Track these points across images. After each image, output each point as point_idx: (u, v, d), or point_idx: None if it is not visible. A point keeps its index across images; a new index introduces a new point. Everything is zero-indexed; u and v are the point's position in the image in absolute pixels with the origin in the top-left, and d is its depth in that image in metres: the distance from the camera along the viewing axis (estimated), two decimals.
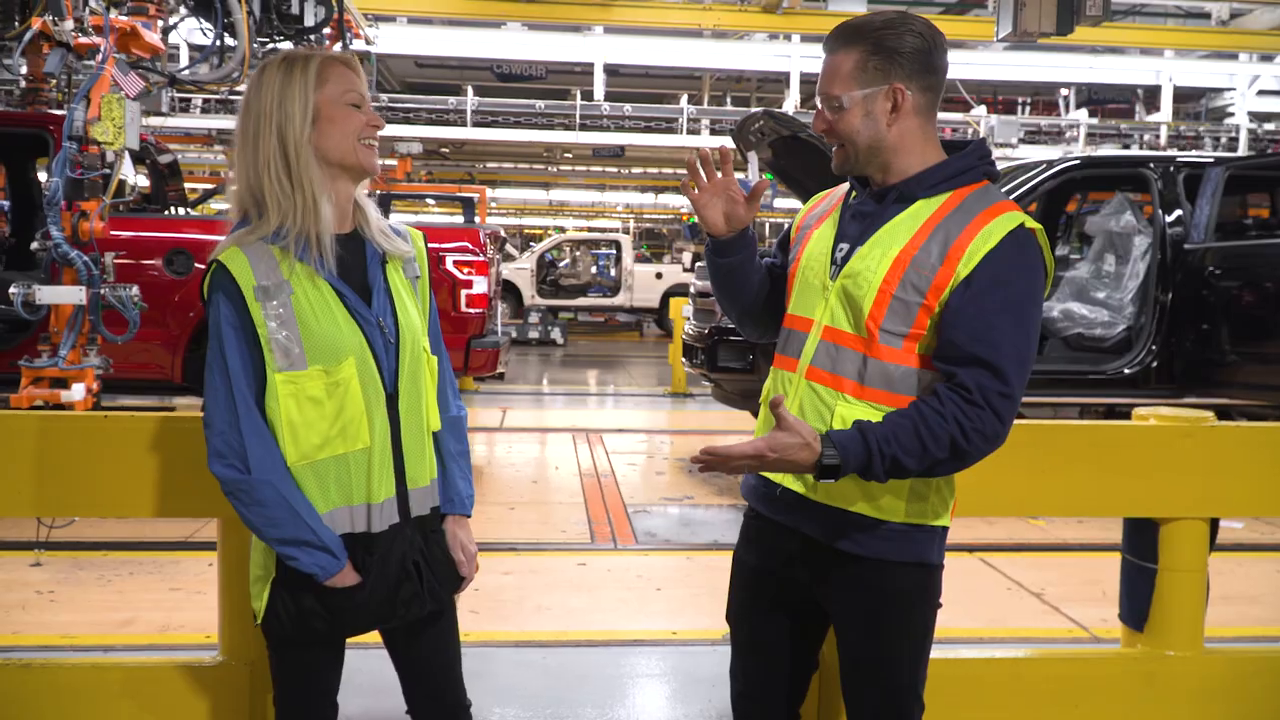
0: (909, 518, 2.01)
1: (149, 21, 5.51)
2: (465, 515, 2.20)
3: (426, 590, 2.08)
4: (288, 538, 1.92)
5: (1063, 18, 7.60)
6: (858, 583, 2.05)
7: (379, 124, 2.06)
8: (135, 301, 5.22)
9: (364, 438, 1.98)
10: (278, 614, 2.00)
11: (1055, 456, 2.81)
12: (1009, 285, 1.89)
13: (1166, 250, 6.93)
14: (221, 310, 1.92)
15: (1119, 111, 19.47)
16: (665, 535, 5.92)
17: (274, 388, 1.92)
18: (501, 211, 33.06)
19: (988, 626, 4.48)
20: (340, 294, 1.99)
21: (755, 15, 15.33)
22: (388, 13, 14.80)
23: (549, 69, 17.48)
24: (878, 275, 1.94)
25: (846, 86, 1.97)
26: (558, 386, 13.35)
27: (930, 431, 1.86)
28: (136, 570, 4.93)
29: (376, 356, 2.01)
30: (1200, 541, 2.84)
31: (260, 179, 1.95)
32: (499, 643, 4.07)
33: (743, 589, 2.26)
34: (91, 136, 5.01)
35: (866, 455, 1.86)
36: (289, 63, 1.99)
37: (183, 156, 19.81)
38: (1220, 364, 6.82)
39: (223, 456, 1.92)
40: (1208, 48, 16.64)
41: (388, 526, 2.02)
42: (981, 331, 1.87)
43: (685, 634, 4.26)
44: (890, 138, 1.98)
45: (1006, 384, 1.87)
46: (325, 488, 1.96)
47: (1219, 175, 6.98)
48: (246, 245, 1.94)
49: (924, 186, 2.00)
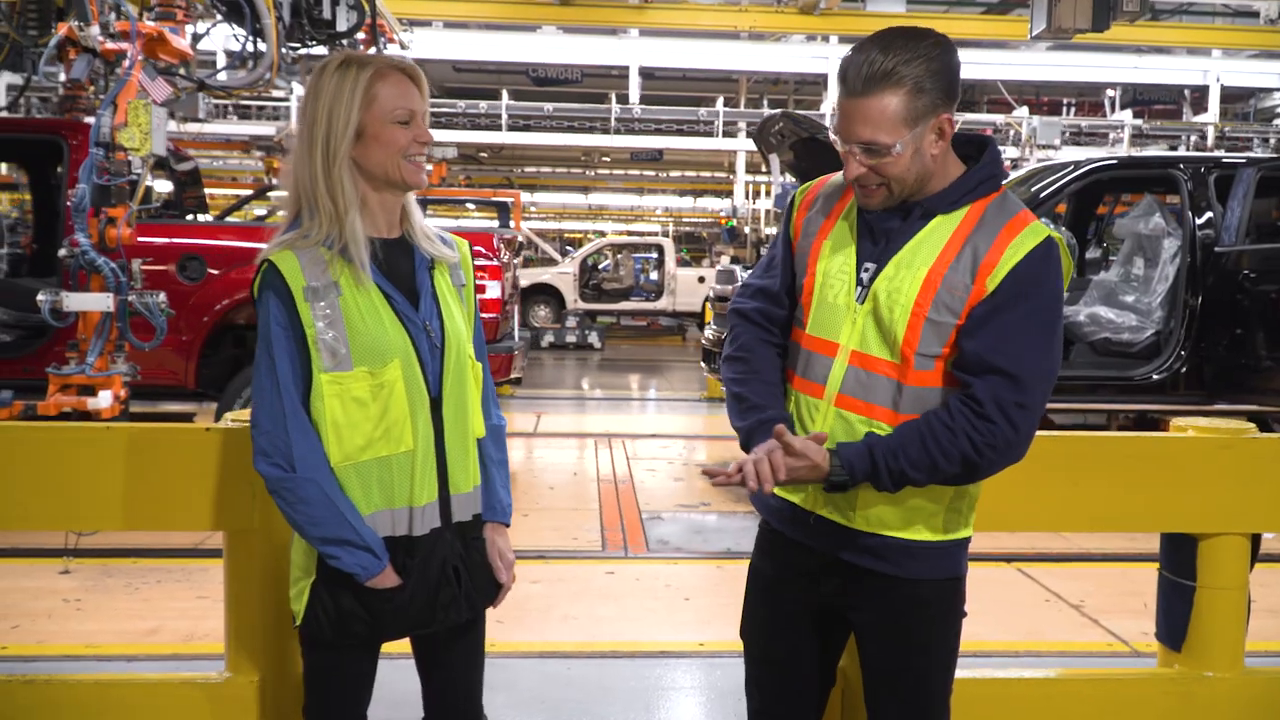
0: (946, 535, 1.98)
1: (176, 27, 5.51)
2: (505, 524, 2.19)
3: (465, 596, 2.07)
4: (330, 536, 1.92)
5: (1099, 14, 7.35)
6: (887, 597, 2.00)
7: (426, 139, 2.04)
8: (163, 308, 5.22)
9: (407, 440, 1.98)
10: (317, 615, 2.00)
11: (1090, 469, 2.71)
12: (1033, 297, 1.85)
13: (1196, 253, 6.75)
14: (271, 310, 1.93)
15: (1165, 112, 19.16)
16: (677, 543, 5.84)
17: (319, 388, 1.93)
18: (541, 216, 33.16)
19: (1025, 640, 4.38)
20: (388, 296, 1.99)
21: (792, 16, 15.22)
22: (423, 17, 14.86)
23: (585, 72, 17.50)
24: (910, 297, 1.89)
25: (896, 133, 1.84)
26: (590, 391, 13.31)
27: (939, 446, 1.82)
28: (164, 578, 4.93)
29: (421, 360, 2.01)
30: (1241, 558, 2.72)
31: (309, 184, 1.97)
32: (523, 653, 4.02)
33: (759, 602, 2.20)
34: (118, 143, 5.01)
35: (872, 470, 1.84)
36: (344, 68, 1.98)
37: (224, 163, 20.09)
38: (1252, 370, 6.65)
39: (268, 455, 1.93)
40: (1256, 47, 16.32)
41: (429, 530, 2.02)
42: (1002, 342, 1.83)
43: (713, 645, 4.19)
44: (933, 167, 1.92)
45: (1025, 394, 1.83)
46: (368, 489, 1.96)
47: (1251, 176, 6.79)
48: (298, 248, 1.95)
49: (946, 202, 1.94)
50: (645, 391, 13.49)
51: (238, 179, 22.28)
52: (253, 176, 21.61)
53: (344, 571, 1.94)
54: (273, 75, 6.24)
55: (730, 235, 25.18)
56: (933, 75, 1.84)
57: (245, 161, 20.37)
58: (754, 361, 2.08)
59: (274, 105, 15.51)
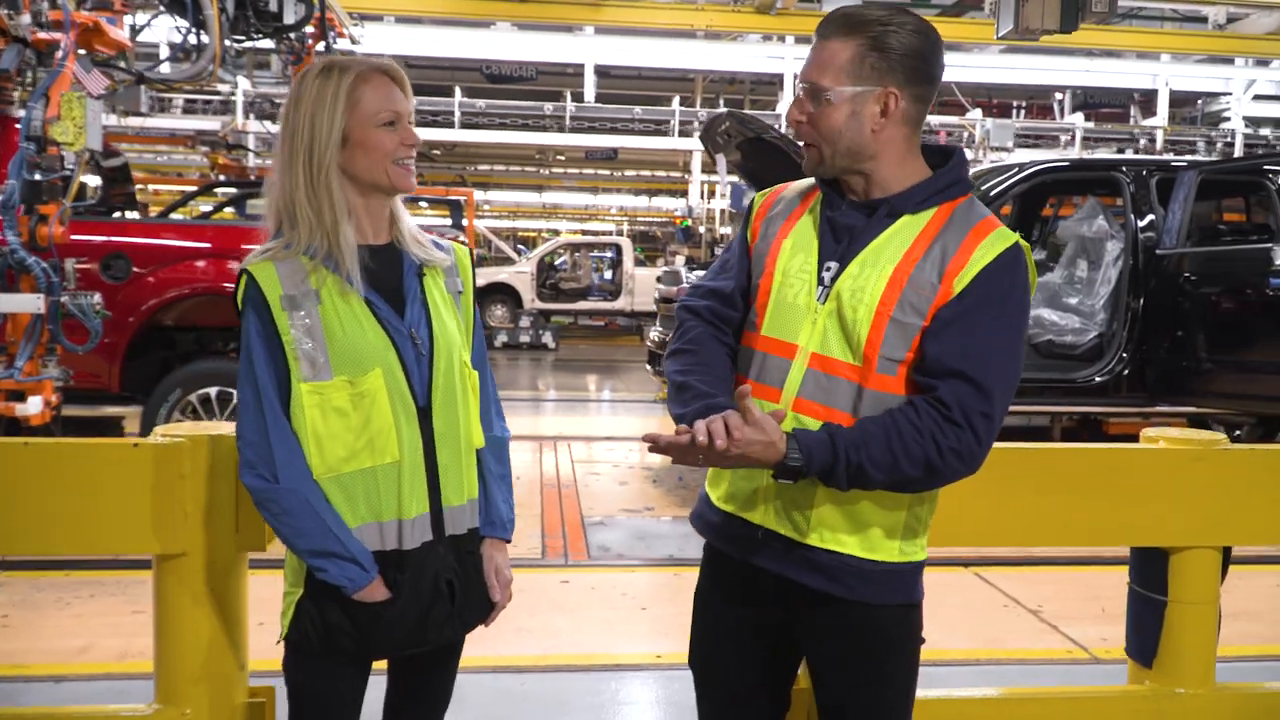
0: (901, 556, 1.88)
1: (114, 17, 5.32)
2: (505, 539, 2.15)
3: (458, 614, 2.02)
4: (316, 548, 1.89)
5: (1067, 14, 7.32)
6: (841, 625, 1.90)
7: (414, 142, 2.00)
8: (98, 310, 5.05)
9: (392, 451, 1.93)
10: (304, 630, 1.96)
11: (1059, 482, 2.64)
12: (1002, 304, 1.79)
13: (1138, 256, 6.84)
14: (251, 320, 1.92)
15: (1114, 115, 19.39)
16: (619, 550, 5.74)
17: (299, 398, 1.90)
18: (495, 214, 32.95)
19: (984, 647, 4.34)
20: (371, 304, 1.95)
21: (748, 16, 15.21)
22: (374, 11, 14.66)
23: (539, 70, 17.38)
24: (875, 296, 1.80)
25: (837, 80, 1.82)
26: (541, 393, 13.20)
27: (904, 446, 1.73)
28: (98, 592, 4.75)
29: (406, 368, 1.96)
30: (1212, 572, 2.67)
31: (293, 194, 1.94)
32: (475, 668, 3.89)
33: (706, 628, 2.09)
34: (51, 137, 4.83)
35: (832, 460, 1.73)
36: (325, 74, 1.94)
37: (168, 159, 19.70)
38: (1193, 372, 6.71)
39: (253, 467, 1.91)
40: (1204, 51, 16.58)
41: (420, 544, 1.97)
42: (968, 346, 1.75)
43: (670, 657, 4.08)
44: (873, 145, 1.84)
45: (989, 403, 1.75)
46: (354, 502, 1.93)
47: (1192, 180, 6.86)
48: (279, 259, 1.93)
49: (913, 201, 1.86)
50: (597, 393, 13.43)
51: (183, 174, 21.88)
52: (198, 172, 21.26)
53: (331, 584, 1.90)
54: (215, 68, 6.06)
55: (685, 235, 25.11)
56: (892, 46, 1.80)
57: (190, 157, 19.97)
58: (703, 354, 1.96)
59: (220, 100, 15.22)
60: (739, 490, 1.95)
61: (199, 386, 6.11)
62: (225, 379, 6.14)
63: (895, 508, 1.85)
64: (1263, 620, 4.70)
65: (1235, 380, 6.56)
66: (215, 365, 6.22)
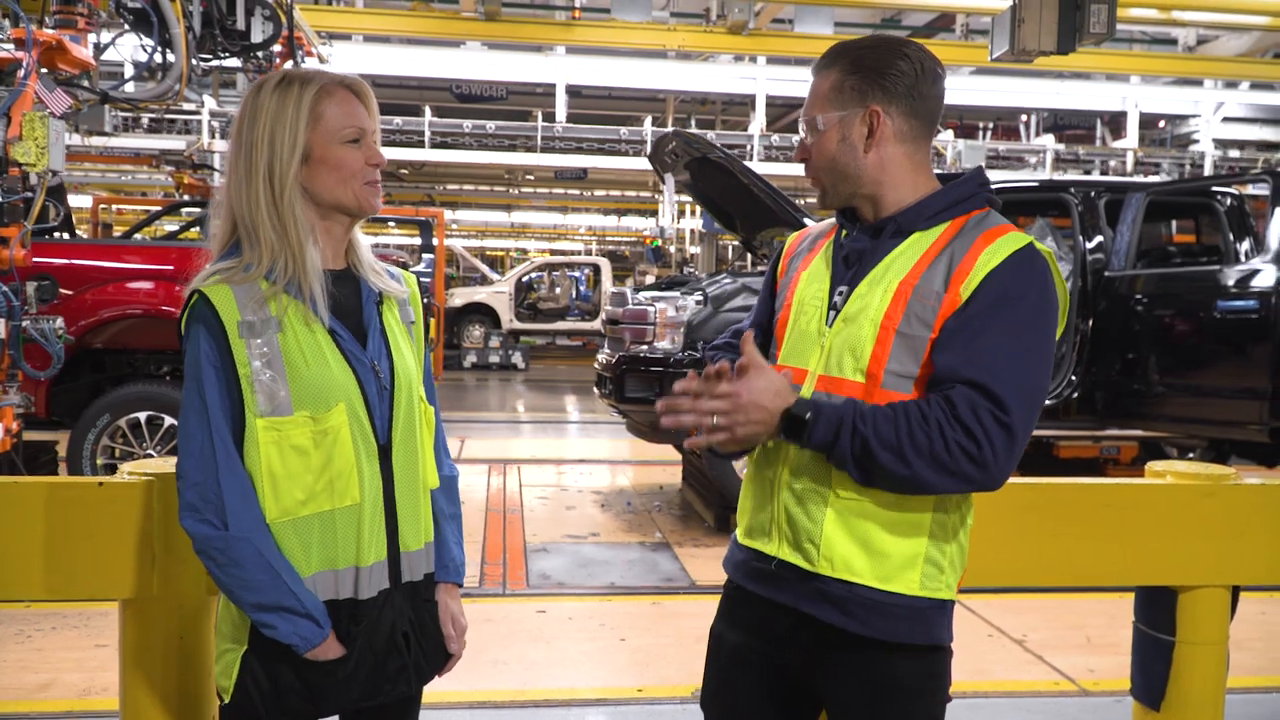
0: (922, 590, 1.77)
1: (78, 35, 5.19)
2: (458, 584, 2.02)
3: (414, 666, 1.90)
4: (267, 603, 1.73)
5: (1064, 36, 7.30)
6: (859, 669, 1.80)
7: (379, 161, 1.87)
8: (60, 334, 4.91)
9: (353, 493, 1.80)
10: (247, 693, 1.79)
11: (1062, 519, 2.55)
12: (1013, 305, 1.70)
13: (1087, 277, 6.84)
14: (201, 346, 1.75)
15: (1083, 137, 19.57)
16: (560, 578, 5.65)
17: (254, 434, 1.74)
18: (463, 234, 32.84)
19: (970, 680, 4.25)
20: (334, 334, 1.82)
21: (721, 37, 15.22)
22: (343, 30, 14.55)
23: (510, 89, 17.34)
24: (879, 311, 1.75)
25: (823, 109, 1.83)
26: (498, 414, 13.12)
27: (910, 431, 1.65)
28: (60, 624, 4.62)
29: (369, 404, 1.83)
30: (1221, 611, 2.59)
31: (251, 214, 1.80)
32: (451, 704, 3.80)
33: (721, 671, 1.99)
34: (12, 157, 4.69)
35: (838, 423, 1.67)
36: (285, 87, 1.81)
37: (132, 178, 19.47)
38: (1142, 394, 6.72)
39: (196, 510, 1.73)
40: (1174, 74, 16.74)
41: (376, 593, 1.84)
42: (976, 353, 1.67)
43: (651, 690, 4.01)
44: (869, 166, 1.81)
45: (1003, 409, 1.65)
46: (308, 549, 1.77)
47: (1139, 201, 6.88)
48: (235, 281, 1.77)
49: (922, 218, 1.81)
50: (559, 415, 13.33)
51: (147, 194, 21.63)
52: (162, 192, 21.02)
53: (281, 643, 1.74)
54: (182, 87, 5.94)
55: (655, 255, 25.17)
56: (868, 66, 1.80)
57: (155, 176, 19.75)
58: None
59: (185, 119, 15.04)
60: (755, 522, 1.90)
61: (129, 411, 6.01)
62: (156, 403, 6.04)
63: (915, 535, 1.77)
64: (1249, 649, 4.65)
65: (1184, 403, 6.56)
66: (145, 389, 6.10)
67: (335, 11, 15.06)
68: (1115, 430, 6.94)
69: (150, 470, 2.20)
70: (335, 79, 1.84)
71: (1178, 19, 13.56)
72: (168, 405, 6.06)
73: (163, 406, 6.06)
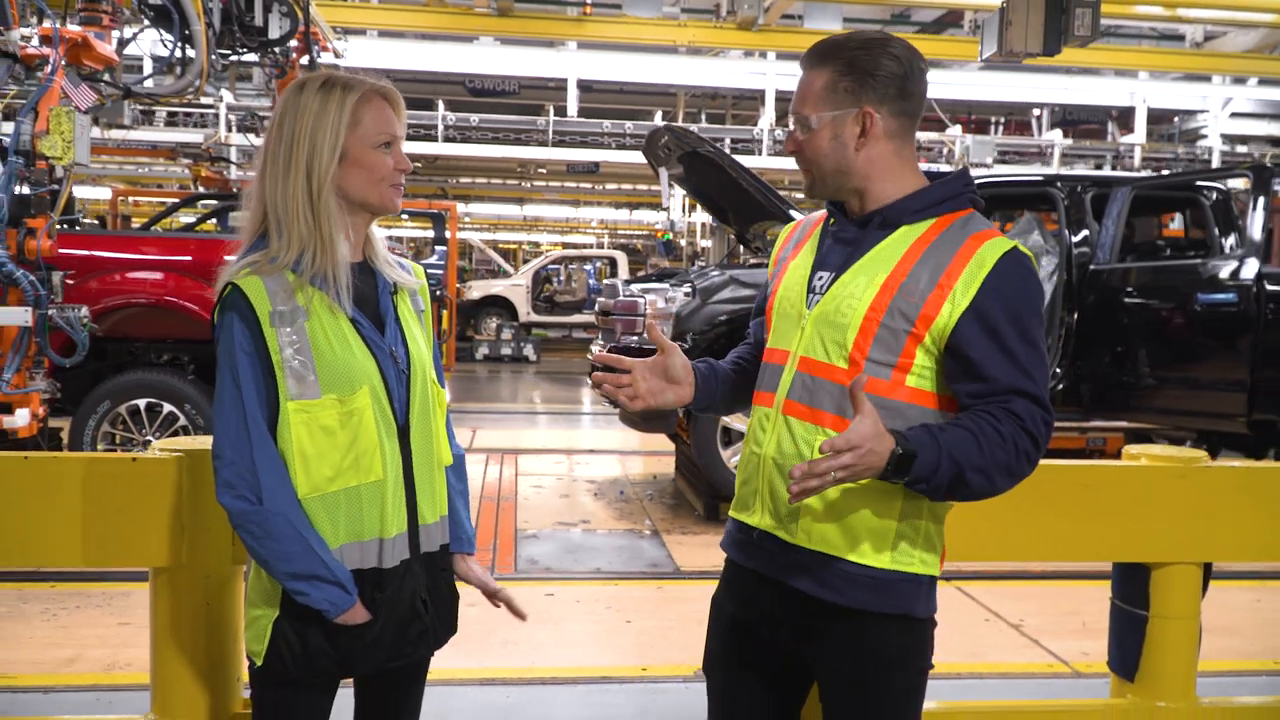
0: (894, 564, 1.89)
1: (102, 32, 5.33)
2: (470, 554, 2.17)
3: (432, 629, 2.04)
4: (300, 572, 1.85)
5: (1050, 38, 7.42)
6: (840, 640, 1.92)
7: (406, 167, 2.01)
8: (85, 323, 5.05)
9: (377, 470, 1.93)
10: (280, 655, 1.92)
11: (1042, 498, 2.68)
12: (1018, 312, 1.82)
13: (1073, 271, 6.90)
14: (235, 335, 1.87)
15: (1092, 132, 19.56)
16: (547, 563, 5.77)
17: (286, 416, 1.87)
18: (475, 227, 32.91)
19: (965, 661, 4.38)
20: (355, 322, 1.95)
21: (730, 32, 15.26)
22: (357, 26, 14.65)
23: (522, 84, 17.37)
24: (863, 302, 1.85)
25: (816, 107, 1.90)
26: (503, 405, 13.20)
27: (990, 449, 1.77)
28: (84, 603, 4.76)
29: (389, 387, 1.96)
30: (1193, 587, 2.72)
31: (286, 207, 1.91)
32: (462, 680, 3.93)
33: (720, 638, 2.13)
34: (39, 151, 4.84)
35: (936, 458, 1.74)
36: (328, 89, 1.93)
37: (149, 170, 19.64)
38: (1127, 386, 6.79)
39: (233, 487, 1.86)
40: (1182, 69, 16.69)
41: (398, 562, 1.97)
42: (1014, 367, 1.81)
43: (655, 670, 4.13)
44: (859, 163, 1.90)
45: (1048, 411, 1.83)
46: (336, 522, 1.90)
47: (1125, 195, 6.95)
48: (264, 272, 1.89)
49: (909, 212, 1.91)
50: (564, 405, 13.38)
51: (162, 186, 21.78)
52: (177, 184, 21.19)
53: (313, 609, 1.87)
54: (202, 82, 6.07)
55: (666, 248, 25.23)
56: (863, 67, 1.87)
57: (171, 169, 19.92)
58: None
59: (201, 112, 15.17)
60: (742, 495, 2.02)
61: (129, 398, 6.10)
62: (155, 391, 6.13)
63: (886, 513, 1.88)
64: (1242, 635, 4.77)
65: (1167, 395, 6.64)
66: (145, 377, 6.19)
67: (350, 7, 15.16)
68: (1101, 422, 7.02)
69: (180, 447, 2.35)
70: (375, 87, 1.96)
71: (1183, 16, 13.57)
72: (167, 393, 6.16)
73: (162, 394, 6.16)
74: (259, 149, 2.00)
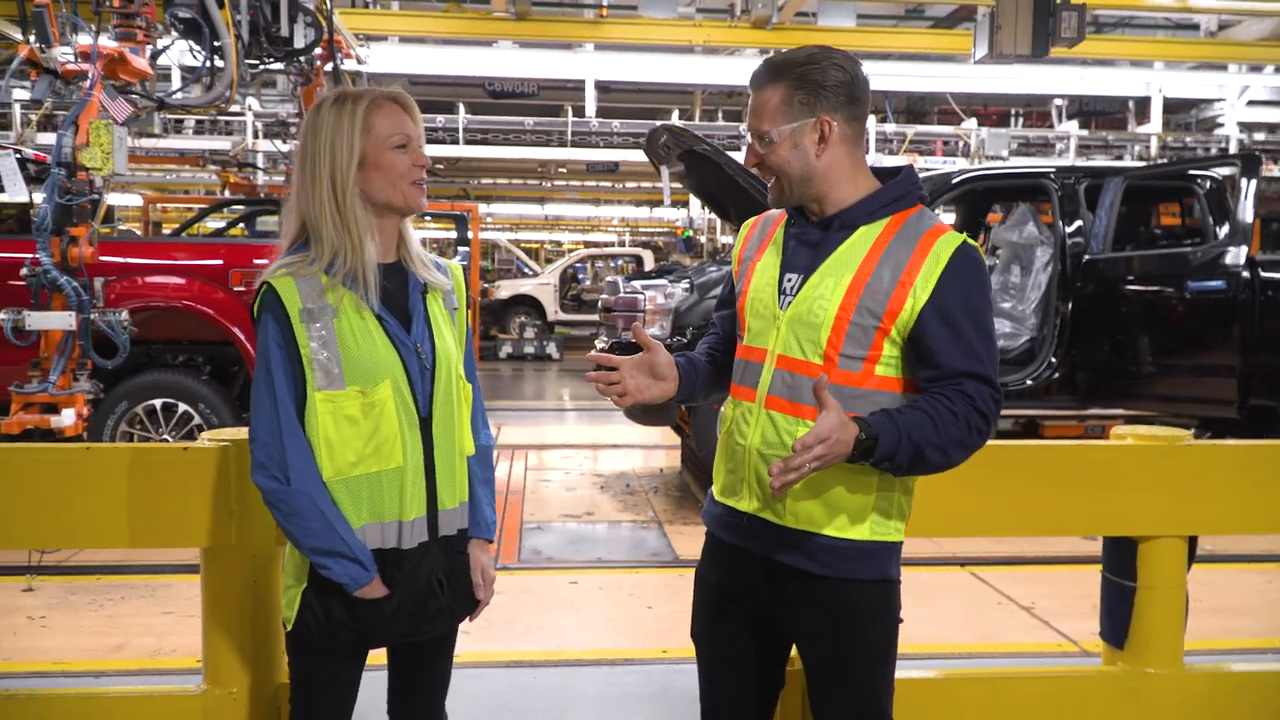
0: (873, 535, 2.07)
1: (137, 47, 5.52)
2: (489, 540, 2.29)
3: (448, 608, 2.17)
4: (322, 547, 2.01)
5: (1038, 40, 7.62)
6: (818, 600, 2.09)
7: (425, 164, 2.14)
8: (125, 326, 5.24)
9: (397, 458, 2.07)
10: (307, 622, 2.08)
11: (1035, 476, 2.84)
12: (971, 301, 1.99)
13: (1066, 261, 6.97)
14: (270, 330, 2.02)
15: (1110, 123, 19.51)
16: (550, 554, 5.90)
17: (313, 405, 2.01)
18: (497, 227, 33.08)
19: (977, 641, 4.50)
20: (381, 320, 2.08)
21: (745, 31, 15.36)
22: (379, 33, 14.83)
23: (541, 86, 17.48)
24: (833, 303, 2.02)
25: (775, 121, 2.05)
26: (519, 403, 13.32)
27: (947, 429, 1.94)
28: (128, 595, 4.94)
29: (411, 381, 2.09)
30: (1178, 559, 2.86)
31: (316, 215, 2.06)
32: (491, 663, 4.09)
33: (705, 607, 2.30)
34: (80, 163, 5.03)
35: (896, 439, 1.91)
36: (339, 104, 2.08)
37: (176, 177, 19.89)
38: (1121, 374, 6.84)
39: (264, 468, 2.02)
40: (1197, 59, 16.61)
41: (417, 544, 2.11)
42: (966, 352, 1.97)
43: (676, 652, 4.26)
44: (819, 168, 2.06)
45: (996, 390, 2.00)
46: (358, 504, 2.05)
47: (1117, 186, 7.00)
48: (298, 274, 2.04)
49: (865, 213, 2.07)
50: (578, 402, 13.44)
51: (189, 192, 22.04)
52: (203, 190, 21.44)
53: (335, 581, 2.03)
54: (233, 93, 6.26)
55: (687, 245, 25.34)
56: (818, 80, 2.02)
57: (198, 175, 20.17)
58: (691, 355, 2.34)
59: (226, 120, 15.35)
60: (728, 483, 2.20)
61: (145, 399, 6.16)
62: (171, 391, 6.19)
63: (864, 491, 2.06)
64: (1251, 615, 4.88)
65: (1161, 382, 6.71)
66: (161, 378, 6.24)
67: (372, 14, 15.37)
68: (1098, 410, 7.08)
69: (227, 437, 2.54)
70: (384, 93, 2.11)
71: (1194, 6, 13.58)
72: (182, 393, 6.22)
73: (177, 394, 6.22)
74: (293, 166, 2.16)
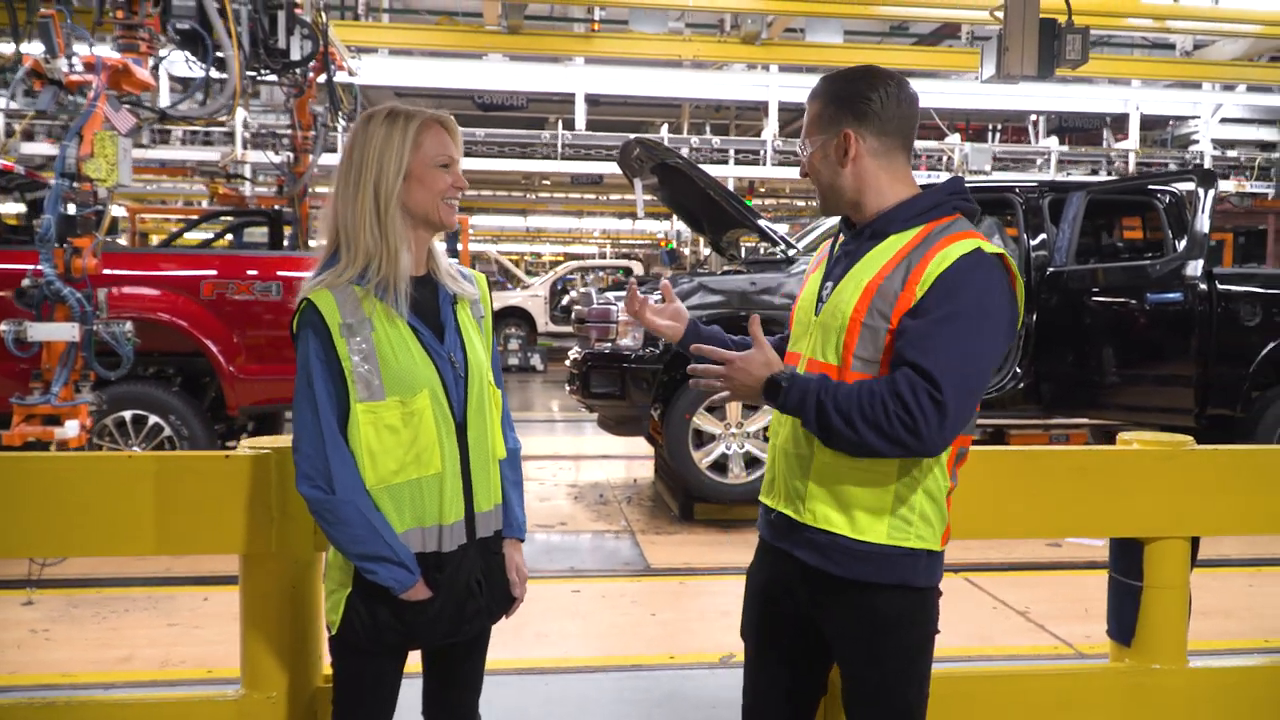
0: (889, 540, 2.09)
1: (140, 59, 5.56)
2: (521, 539, 2.36)
3: (486, 607, 2.24)
4: (368, 553, 2.06)
5: (1044, 62, 7.87)
6: (847, 606, 2.13)
7: (463, 185, 2.23)
8: (128, 337, 5.26)
9: (436, 464, 2.13)
10: (353, 625, 2.14)
11: (1044, 480, 2.92)
12: (954, 299, 1.98)
13: (1031, 273, 7.11)
14: (310, 345, 2.08)
15: (1089, 138, 19.73)
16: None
17: (355, 417, 2.07)
18: (479, 238, 33.08)
19: (974, 645, 4.57)
20: (416, 331, 2.14)
21: (734, 47, 15.46)
22: (370, 45, 14.85)
23: (530, 98, 17.53)
24: (850, 306, 2.08)
25: (809, 133, 2.19)
26: None
27: (860, 404, 1.98)
28: (131, 607, 4.93)
29: (447, 389, 2.16)
30: (1182, 559, 2.95)
31: (355, 224, 2.12)
32: (502, 670, 4.11)
33: (752, 606, 2.37)
34: (84, 174, 5.05)
35: (804, 391, 2.03)
36: (392, 119, 2.15)
37: (158, 187, 19.80)
38: (1083, 384, 6.99)
39: (309, 478, 2.07)
40: (1173, 77, 16.85)
41: (456, 547, 2.17)
42: (921, 341, 1.97)
43: (683, 658, 4.30)
44: (847, 179, 2.14)
45: (937, 389, 1.93)
46: (400, 510, 2.11)
47: (1080, 200, 7.16)
48: (334, 287, 2.10)
49: (896, 222, 2.12)
50: (559, 413, 13.47)
51: (166, 202, 21.89)
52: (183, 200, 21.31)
53: (381, 585, 2.08)
54: (235, 104, 6.29)
55: (670, 257, 25.41)
56: (839, 96, 2.13)
57: (179, 185, 20.06)
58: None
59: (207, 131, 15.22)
60: (767, 480, 2.30)
61: (116, 410, 6.05)
62: (142, 403, 6.09)
63: (880, 493, 2.09)
64: (1236, 618, 4.98)
65: (1122, 392, 6.87)
66: (131, 389, 6.10)
67: (363, 26, 15.40)
68: (1063, 419, 7.22)
69: (267, 445, 2.59)
70: (434, 115, 2.21)
71: (1171, 27, 13.82)
72: (152, 405, 6.11)
73: (148, 406, 6.11)
74: (332, 177, 2.21)
